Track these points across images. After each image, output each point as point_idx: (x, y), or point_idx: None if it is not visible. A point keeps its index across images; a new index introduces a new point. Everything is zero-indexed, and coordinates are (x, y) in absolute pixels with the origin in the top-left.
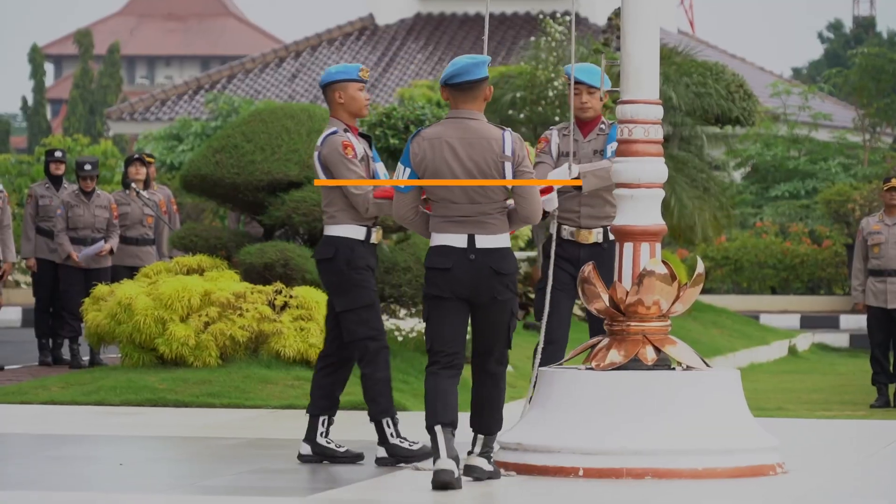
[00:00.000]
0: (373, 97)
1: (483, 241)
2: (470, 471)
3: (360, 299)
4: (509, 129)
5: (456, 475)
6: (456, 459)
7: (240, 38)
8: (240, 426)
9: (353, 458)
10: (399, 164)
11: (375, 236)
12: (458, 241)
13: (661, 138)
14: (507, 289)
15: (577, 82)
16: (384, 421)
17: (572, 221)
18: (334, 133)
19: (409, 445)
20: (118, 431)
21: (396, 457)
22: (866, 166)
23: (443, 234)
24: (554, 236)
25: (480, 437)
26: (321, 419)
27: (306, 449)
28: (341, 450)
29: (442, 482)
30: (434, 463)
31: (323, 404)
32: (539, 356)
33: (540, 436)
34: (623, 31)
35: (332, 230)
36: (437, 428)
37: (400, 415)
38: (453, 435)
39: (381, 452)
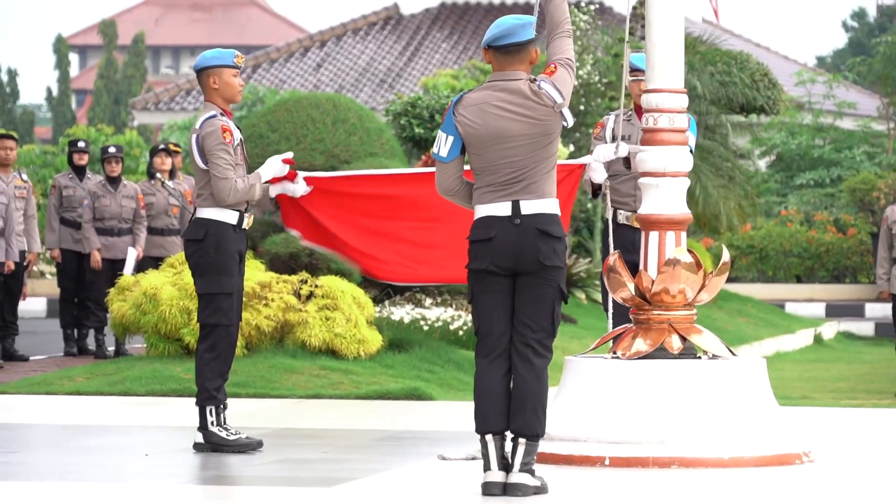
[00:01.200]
0: (397, 86)
1: (529, 207)
2: (513, 490)
3: (221, 286)
4: (540, 77)
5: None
6: (507, 467)
7: (265, 28)
8: (265, 416)
9: (254, 445)
10: (440, 132)
11: (247, 222)
12: (503, 209)
13: (686, 127)
14: (554, 254)
15: (637, 70)
16: (208, 408)
17: (628, 206)
18: (213, 117)
19: (227, 435)
20: (143, 421)
21: (212, 444)
22: (891, 155)
23: (486, 206)
24: (610, 222)
25: (521, 442)
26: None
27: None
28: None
29: (491, 495)
30: (484, 473)
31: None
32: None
33: (566, 425)
34: (648, 20)
35: (203, 212)
36: (487, 437)
37: (426, 405)
38: (504, 439)
39: (199, 438)
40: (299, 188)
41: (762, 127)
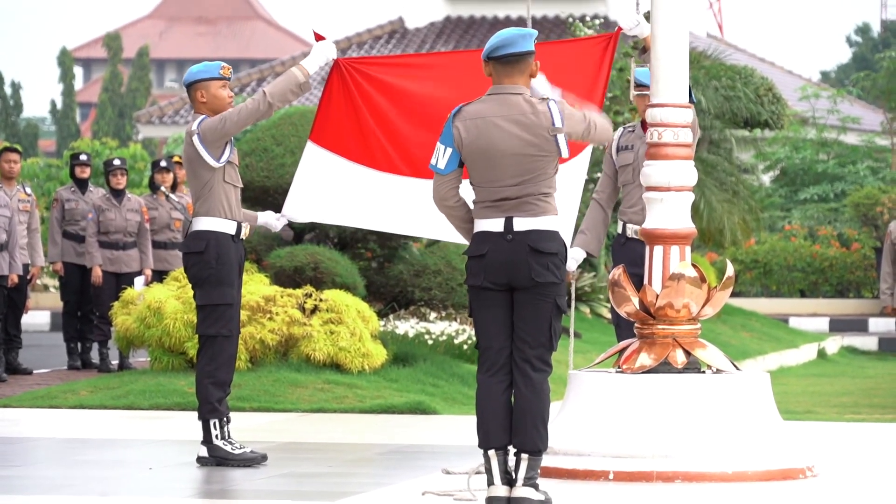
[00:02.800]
0: None
1: (522, 224)
2: None
3: (223, 296)
4: (552, 98)
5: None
6: (510, 482)
7: (269, 42)
8: (269, 430)
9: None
10: (438, 143)
11: (244, 232)
12: (496, 225)
13: (690, 141)
14: (547, 270)
15: (642, 85)
16: (212, 422)
17: (635, 217)
18: (207, 116)
19: (232, 449)
20: (147, 435)
21: (217, 458)
22: (895, 169)
23: (482, 220)
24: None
25: (524, 457)
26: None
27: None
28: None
29: None
30: (487, 487)
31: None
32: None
33: (570, 439)
34: (653, 35)
35: (202, 224)
36: (490, 452)
37: (430, 419)
38: (507, 454)
39: (203, 452)
40: (280, 224)
41: (766, 141)
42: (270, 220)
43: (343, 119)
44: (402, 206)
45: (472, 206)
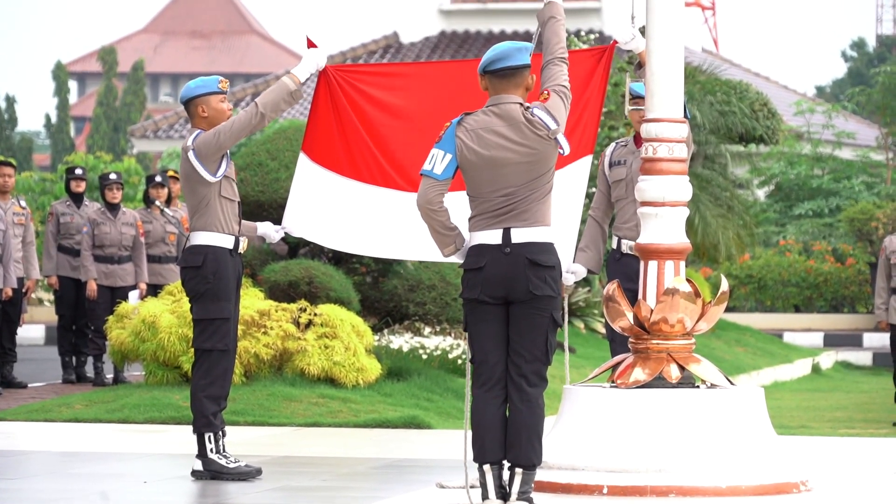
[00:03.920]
0: None
1: (520, 235)
2: None
3: (220, 311)
4: (534, 104)
5: None
6: (505, 496)
7: (264, 56)
8: (264, 444)
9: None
10: (436, 149)
11: (242, 246)
12: (494, 237)
13: (685, 156)
14: (545, 283)
15: (638, 97)
16: (206, 435)
17: (630, 233)
18: (203, 131)
19: (227, 463)
20: (142, 449)
21: (211, 471)
22: (889, 185)
23: (479, 233)
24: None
25: (518, 471)
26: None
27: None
28: (232, 465)
29: None
30: (482, 501)
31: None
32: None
33: (564, 453)
34: (648, 50)
35: (199, 238)
36: (485, 466)
37: (424, 433)
38: (502, 468)
39: (198, 465)
40: (278, 235)
41: (761, 157)
42: (269, 230)
43: (330, 130)
44: (392, 225)
45: (467, 222)
